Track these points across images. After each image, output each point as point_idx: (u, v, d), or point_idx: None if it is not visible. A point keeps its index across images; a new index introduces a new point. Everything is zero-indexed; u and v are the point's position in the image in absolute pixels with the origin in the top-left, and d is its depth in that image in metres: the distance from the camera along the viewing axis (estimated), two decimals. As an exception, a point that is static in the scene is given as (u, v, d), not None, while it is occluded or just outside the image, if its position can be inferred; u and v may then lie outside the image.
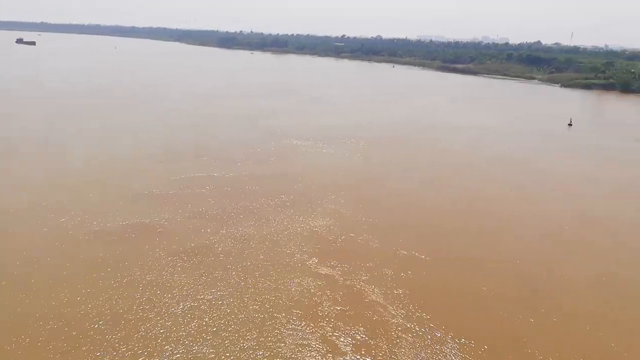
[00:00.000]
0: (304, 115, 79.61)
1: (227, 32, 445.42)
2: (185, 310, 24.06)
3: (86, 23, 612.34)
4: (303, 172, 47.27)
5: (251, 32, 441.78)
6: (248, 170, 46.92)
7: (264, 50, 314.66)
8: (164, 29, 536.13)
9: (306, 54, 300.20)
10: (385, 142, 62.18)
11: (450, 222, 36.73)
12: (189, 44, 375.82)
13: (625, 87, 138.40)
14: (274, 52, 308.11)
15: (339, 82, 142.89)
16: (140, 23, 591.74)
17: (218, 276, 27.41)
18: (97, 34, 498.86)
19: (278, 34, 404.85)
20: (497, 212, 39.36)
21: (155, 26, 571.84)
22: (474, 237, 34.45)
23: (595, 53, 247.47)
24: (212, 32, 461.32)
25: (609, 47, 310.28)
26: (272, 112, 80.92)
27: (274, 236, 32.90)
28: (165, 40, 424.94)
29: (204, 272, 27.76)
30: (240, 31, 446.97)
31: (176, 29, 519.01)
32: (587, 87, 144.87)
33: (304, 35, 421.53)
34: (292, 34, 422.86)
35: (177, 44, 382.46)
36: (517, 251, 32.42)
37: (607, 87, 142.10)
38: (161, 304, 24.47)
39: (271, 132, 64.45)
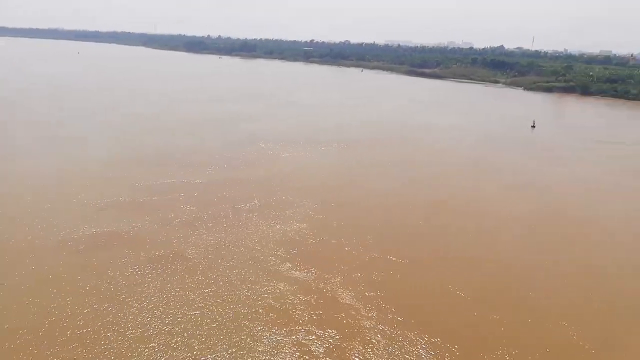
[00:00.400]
0: (274, 119, 79.45)
1: (194, 36, 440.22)
2: (157, 318, 23.62)
3: (47, 27, 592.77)
4: (275, 176, 47.16)
5: (219, 36, 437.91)
6: (219, 175, 46.47)
7: (232, 55, 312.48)
8: (129, 33, 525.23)
9: (275, 58, 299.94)
10: (355, 145, 62.65)
11: (422, 223, 37.39)
12: (155, 48, 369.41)
13: (585, 89, 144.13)
14: (242, 56, 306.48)
15: (308, 86, 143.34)
16: (105, 27, 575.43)
17: (190, 283, 27.05)
18: (60, 39, 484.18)
19: (246, 38, 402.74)
20: (469, 212, 40.22)
21: (120, 31, 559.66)
22: (446, 237, 35.12)
23: (555, 57, 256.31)
24: (180, 36, 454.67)
25: (568, 51, 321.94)
26: (242, 116, 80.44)
27: (247, 241, 32.69)
28: (131, 45, 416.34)
29: (175, 280, 27.34)
30: (208, 35, 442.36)
31: (142, 33, 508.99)
32: (549, 89, 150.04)
33: (273, 40, 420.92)
34: (261, 39, 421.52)
35: (142, 48, 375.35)
36: (486, 251, 33.22)
37: (568, 89, 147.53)
38: (131, 313, 23.95)
39: (241, 136, 64.06)
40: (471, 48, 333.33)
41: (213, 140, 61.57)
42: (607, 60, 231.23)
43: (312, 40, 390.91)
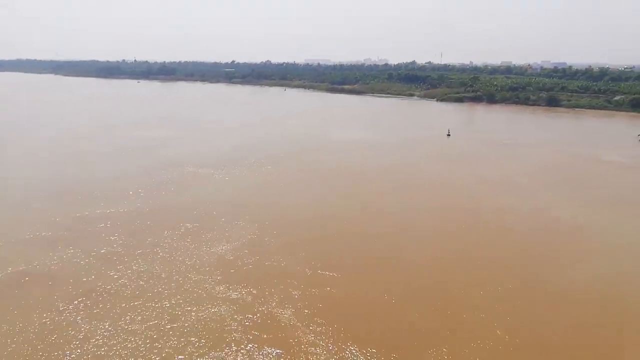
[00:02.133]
0: (196, 143, 78.22)
1: (108, 61, 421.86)
2: (89, 354, 22.55)
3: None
4: (203, 199, 46.61)
5: (135, 60, 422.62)
6: (146, 203, 45.13)
7: (150, 79, 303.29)
8: (36, 61, 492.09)
9: (196, 80, 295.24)
10: (279, 162, 63.39)
11: (353, 235, 38.60)
12: (66, 75, 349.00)
13: (491, 98, 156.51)
14: (162, 80, 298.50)
15: (229, 107, 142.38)
16: (7, 56, 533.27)
17: (124, 317, 26.10)
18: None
19: (165, 61, 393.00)
20: (397, 222, 42.09)
21: (24, 58, 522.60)
22: (378, 248, 36.55)
23: (462, 70, 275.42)
24: (92, 62, 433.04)
25: (473, 63, 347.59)
26: (160, 141, 78.44)
27: (180, 267, 32.10)
28: (39, 72, 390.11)
29: (107, 315, 26.25)
30: (123, 60, 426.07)
31: (50, 60, 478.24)
32: (459, 100, 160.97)
33: (193, 62, 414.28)
34: (180, 61, 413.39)
35: (51, 76, 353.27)
36: (416, 254, 35.07)
37: (476, 99, 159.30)
38: (61, 356, 22.66)
39: (164, 161, 62.53)
40: (386, 64, 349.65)
41: (137, 167, 59.53)
42: (508, 70, 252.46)
43: (233, 61, 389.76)
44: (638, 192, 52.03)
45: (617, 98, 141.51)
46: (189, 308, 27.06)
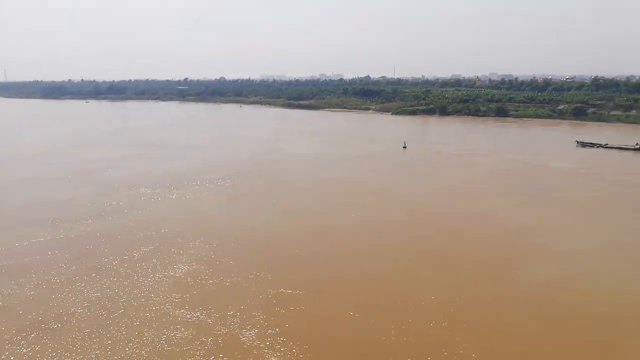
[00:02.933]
0: (147, 163, 75.99)
1: (53, 81, 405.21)
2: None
3: None
4: (159, 220, 45.13)
5: (82, 80, 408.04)
6: (97, 227, 43.19)
7: (99, 99, 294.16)
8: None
9: (148, 99, 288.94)
10: (235, 180, 62.53)
11: (313, 252, 38.17)
12: (7, 97, 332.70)
13: (443, 110, 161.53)
14: (111, 99, 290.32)
15: (182, 126, 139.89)
16: None
17: (76, 347, 24.59)
18: None
19: (114, 80, 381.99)
20: (356, 237, 42.07)
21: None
22: (340, 264, 36.35)
23: (415, 83, 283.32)
24: (35, 82, 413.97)
25: (425, 77, 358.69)
26: (110, 162, 75.89)
27: (136, 291, 30.72)
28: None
29: (58, 346, 24.64)
30: (69, 80, 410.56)
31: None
32: (413, 113, 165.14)
33: (144, 81, 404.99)
34: (130, 80, 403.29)
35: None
36: (378, 271, 35.09)
37: (429, 111, 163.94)
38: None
39: (114, 183, 60.31)
40: (341, 79, 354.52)
41: (85, 190, 57.05)
42: (458, 83, 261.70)
43: (186, 79, 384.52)
44: (581, 196, 54.59)
45: (560, 107, 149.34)
46: (147, 333, 25.84)
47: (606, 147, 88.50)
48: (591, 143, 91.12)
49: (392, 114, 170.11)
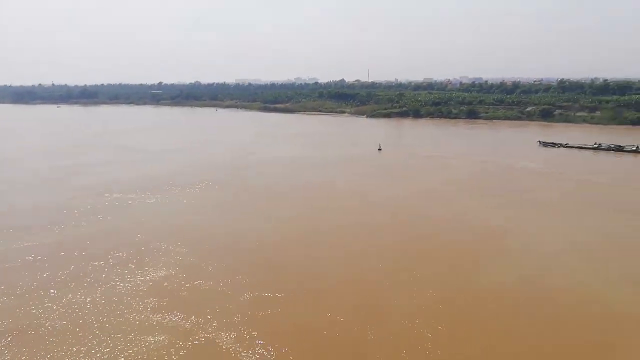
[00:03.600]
0: (122, 168, 75.40)
1: (22, 85, 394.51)
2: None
3: None
4: (135, 225, 45.05)
5: (52, 84, 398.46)
6: (70, 233, 42.86)
7: (71, 103, 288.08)
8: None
9: (121, 103, 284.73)
10: (208, 185, 62.63)
11: (292, 255, 38.68)
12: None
13: (416, 113, 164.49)
14: (83, 104, 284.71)
15: (157, 130, 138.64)
16: None
17: (53, 354, 24.58)
18: None
19: (86, 85, 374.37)
20: (333, 240, 42.72)
21: None
22: (318, 267, 37.04)
23: (389, 87, 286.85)
24: (4, 87, 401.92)
25: (398, 80, 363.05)
26: (84, 167, 74.93)
27: (113, 297, 30.81)
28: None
29: (36, 353, 24.62)
30: (40, 84, 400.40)
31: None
32: (387, 115, 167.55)
33: (117, 85, 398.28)
34: (103, 84, 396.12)
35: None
36: (355, 274, 35.91)
37: (403, 114, 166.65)
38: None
39: (88, 189, 59.68)
40: (316, 83, 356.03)
41: (56, 196, 56.29)
42: (430, 86, 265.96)
43: (160, 83, 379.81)
44: (547, 195, 56.73)
45: (528, 109, 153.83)
46: (125, 338, 26.03)
47: (567, 147, 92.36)
48: (552, 143, 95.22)
49: (366, 116, 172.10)
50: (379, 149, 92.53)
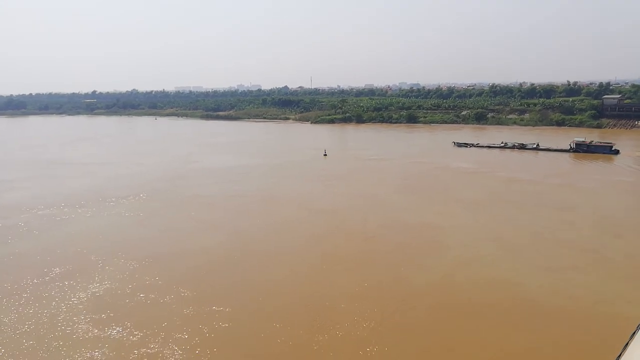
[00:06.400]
0: (51, 182, 71.45)
1: None
2: None
3: None
4: (69, 241, 43.08)
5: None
6: (2, 251, 40.26)
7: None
8: None
9: (52, 114, 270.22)
10: (144, 197, 60.71)
11: (234, 266, 37.87)
12: None
13: (359, 118, 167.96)
14: (9, 115, 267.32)
15: (87, 142, 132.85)
16: None
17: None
18: None
19: (12, 94, 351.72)
20: (271, 248, 42.72)
21: None
22: (259, 275, 36.97)
23: (331, 93, 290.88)
24: None
25: (340, 87, 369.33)
26: (9, 183, 70.62)
27: (49, 313, 29.38)
28: None
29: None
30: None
31: None
32: (331, 121, 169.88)
33: (46, 94, 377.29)
34: (31, 94, 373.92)
35: None
36: (296, 280, 36.21)
37: (346, 120, 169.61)
38: None
39: (15, 205, 56.34)
40: (260, 90, 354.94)
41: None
42: (371, 92, 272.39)
43: (94, 92, 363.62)
44: (479, 193, 59.92)
45: (464, 113, 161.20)
46: (62, 352, 24.86)
47: (478, 147, 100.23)
48: (465, 143, 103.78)
49: (311, 123, 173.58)
50: (324, 155, 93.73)
